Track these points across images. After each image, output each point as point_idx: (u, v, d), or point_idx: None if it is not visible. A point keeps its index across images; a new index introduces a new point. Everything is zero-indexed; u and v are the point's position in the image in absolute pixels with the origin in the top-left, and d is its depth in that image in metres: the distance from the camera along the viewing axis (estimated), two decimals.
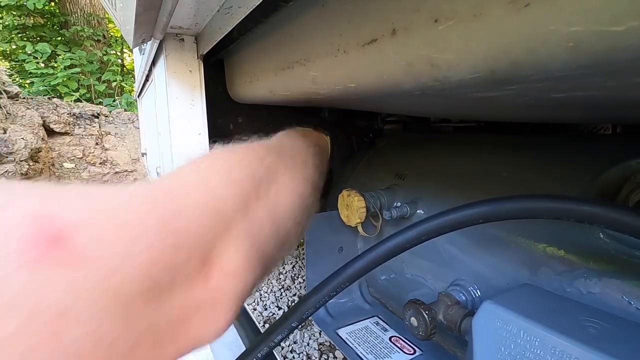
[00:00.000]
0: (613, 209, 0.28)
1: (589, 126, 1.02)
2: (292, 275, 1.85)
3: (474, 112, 0.54)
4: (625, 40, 0.17)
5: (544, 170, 0.52)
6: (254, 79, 0.65)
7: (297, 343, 1.35)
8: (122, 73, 5.07)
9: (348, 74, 0.39)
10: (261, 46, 0.60)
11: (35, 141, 2.45)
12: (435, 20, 0.26)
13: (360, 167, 0.87)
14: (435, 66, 0.28)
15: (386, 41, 0.32)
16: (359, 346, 0.66)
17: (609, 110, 0.35)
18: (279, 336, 0.43)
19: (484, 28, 0.23)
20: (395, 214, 0.63)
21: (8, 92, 2.59)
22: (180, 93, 0.71)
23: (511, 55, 0.22)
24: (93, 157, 3.07)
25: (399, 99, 0.42)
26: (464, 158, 0.66)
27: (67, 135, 3.03)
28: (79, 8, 5.07)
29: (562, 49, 0.19)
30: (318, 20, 0.42)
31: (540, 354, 0.31)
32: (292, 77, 0.51)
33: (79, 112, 3.23)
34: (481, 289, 0.51)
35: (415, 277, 0.65)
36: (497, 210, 0.34)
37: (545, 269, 0.44)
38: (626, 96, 0.25)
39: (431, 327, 0.47)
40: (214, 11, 0.55)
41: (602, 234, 0.40)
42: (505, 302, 0.36)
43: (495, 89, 0.28)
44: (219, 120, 0.91)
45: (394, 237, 0.40)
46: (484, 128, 0.98)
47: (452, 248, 0.57)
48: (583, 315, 0.34)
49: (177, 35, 0.69)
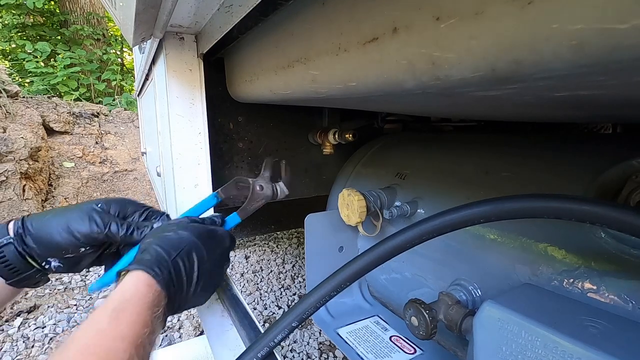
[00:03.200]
0: (614, 209, 0.28)
1: (589, 126, 1.02)
2: (292, 275, 1.85)
3: (475, 112, 0.54)
4: (628, 39, 0.16)
5: (544, 170, 0.52)
6: (254, 78, 0.65)
7: (297, 342, 1.35)
8: (122, 72, 5.07)
9: (349, 73, 0.39)
10: (261, 45, 0.60)
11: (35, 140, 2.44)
12: (437, 18, 0.26)
13: (360, 167, 0.87)
14: (436, 65, 0.27)
15: (387, 39, 0.31)
16: (359, 345, 0.66)
17: (610, 110, 0.35)
18: (280, 336, 0.43)
19: (486, 26, 0.23)
20: (396, 213, 0.63)
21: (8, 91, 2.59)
22: (180, 92, 0.71)
23: (513, 53, 0.22)
24: (93, 156, 3.07)
25: (399, 97, 0.42)
26: (464, 157, 0.66)
27: (67, 135, 3.03)
28: (79, 7, 5.06)
29: (565, 47, 0.19)
30: (319, 18, 0.42)
31: (541, 353, 0.31)
32: (293, 76, 0.51)
33: (79, 111, 3.23)
34: (482, 289, 0.51)
35: (415, 277, 0.65)
36: (498, 210, 0.34)
37: (546, 268, 0.44)
38: (628, 95, 0.25)
39: (432, 327, 0.46)
40: (214, 9, 0.55)
41: (603, 234, 0.40)
42: (506, 302, 0.36)
43: (497, 88, 0.28)
44: (219, 120, 0.91)
45: (395, 237, 0.40)
46: (484, 127, 0.98)
47: (452, 247, 0.57)
48: (584, 315, 0.34)
49: (177, 34, 0.68)
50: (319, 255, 0.73)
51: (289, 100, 0.65)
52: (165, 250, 0.42)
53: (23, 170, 2.27)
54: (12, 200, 2.16)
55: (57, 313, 1.51)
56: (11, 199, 2.16)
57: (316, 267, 0.72)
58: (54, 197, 2.60)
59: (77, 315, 1.50)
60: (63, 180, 2.77)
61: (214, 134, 0.89)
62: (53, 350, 0.34)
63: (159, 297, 0.39)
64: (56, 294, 1.66)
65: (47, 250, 0.47)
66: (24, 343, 1.34)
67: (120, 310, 0.35)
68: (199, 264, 0.45)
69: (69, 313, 1.52)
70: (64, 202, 2.60)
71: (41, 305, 1.57)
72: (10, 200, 2.15)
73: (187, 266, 0.43)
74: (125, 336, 0.33)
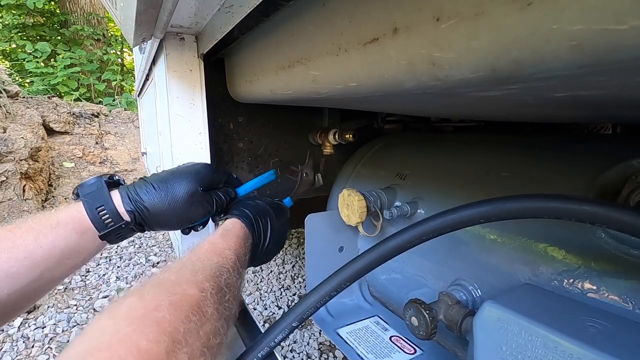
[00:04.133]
0: (614, 209, 0.28)
1: (589, 126, 1.02)
2: (292, 275, 1.85)
3: (475, 112, 0.54)
4: (628, 39, 0.17)
5: (544, 170, 0.52)
6: (255, 78, 0.65)
7: (297, 342, 1.35)
8: (122, 72, 5.07)
9: (349, 73, 0.39)
10: (262, 45, 0.60)
11: (35, 140, 2.44)
12: (437, 19, 0.26)
13: (360, 167, 0.87)
14: (436, 65, 0.28)
15: (388, 40, 0.32)
16: (359, 346, 0.66)
17: (610, 110, 0.35)
18: (280, 336, 0.43)
19: (486, 26, 0.23)
20: (396, 213, 0.63)
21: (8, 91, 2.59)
22: (180, 92, 0.71)
23: (513, 53, 0.22)
24: (93, 157, 3.07)
25: (400, 98, 0.42)
26: (464, 157, 0.66)
27: (67, 135, 3.03)
28: (79, 7, 5.06)
29: (565, 47, 0.19)
30: (319, 19, 0.42)
31: (541, 353, 0.31)
32: (293, 77, 0.51)
33: (79, 111, 3.23)
34: (482, 289, 0.51)
35: (415, 277, 0.65)
36: (498, 210, 0.34)
37: (546, 268, 0.44)
38: (628, 95, 0.25)
39: (432, 327, 0.47)
40: (214, 10, 0.55)
41: (603, 234, 0.40)
42: (507, 302, 0.36)
43: (497, 88, 0.28)
44: (219, 120, 0.91)
45: (395, 237, 0.40)
46: (485, 128, 0.98)
47: (452, 247, 0.57)
48: (584, 315, 0.34)
49: (177, 34, 0.69)
50: (319, 255, 0.73)
51: (289, 101, 0.65)
52: (250, 211, 0.57)
53: (23, 171, 2.28)
54: (12, 201, 2.16)
55: (57, 313, 1.51)
56: (11, 199, 2.16)
57: (316, 267, 0.72)
58: (54, 197, 2.60)
59: (77, 315, 1.50)
60: (63, 181, 2.77)
61: (214, 134, 0.89)
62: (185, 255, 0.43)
63: (247, 235, 0.53)
64: (56, 294, 1.66)
65: (159, 229, 0.54)
66: (24, 343, 1.34)
67: (226, 233, 0.50)
68: (271, 225, 0.58)
69: (69, 313, 1.52)
70: (64, 202, 2.60)
71: (41, 305, 1.57)
72: (10, 200, 2.16)
73: (263, 223, 0.57)
74: (231, 247, 0.47)
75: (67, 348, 0.27)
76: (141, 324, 0.29)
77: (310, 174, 0.82)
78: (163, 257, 2.02)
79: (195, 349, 0.31)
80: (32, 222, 0.44)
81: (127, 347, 0.26)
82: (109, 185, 0.49)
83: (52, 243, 0.43)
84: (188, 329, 0.31)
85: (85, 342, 0.27)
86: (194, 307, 0.33)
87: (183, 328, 0.30)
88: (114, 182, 0.51)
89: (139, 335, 0.27)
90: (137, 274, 1.84)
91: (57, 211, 0.46)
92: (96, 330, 0.28)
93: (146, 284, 0.35)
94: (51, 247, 0.43)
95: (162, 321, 0.30)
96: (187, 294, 0.34)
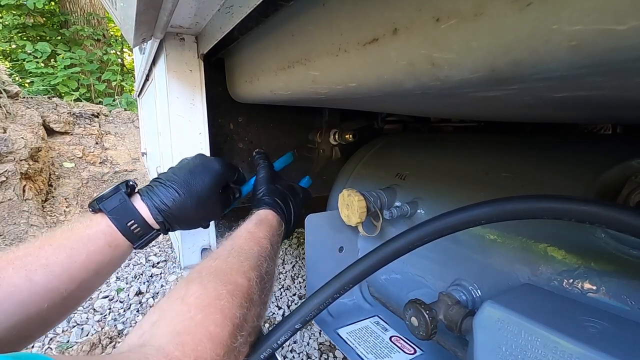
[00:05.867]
0: (614, 209, 0.28)
1: (589, 126, 1.02)
2: (292, 275, 1.85)
3: (475, 112, 0.54)
4: (627, 40, 0.17)
5: (544, 170, 0.52)
6: (255, 79, 0.65)
7: (297, 343, 1.35)
8: (122, 72, 5.07)
9: (349, 74, 0.39)
10: (262, 46, 0.60)
11: (35, 140, 2.44)
12: (437, 19, 0.26)
13: (360, 167, 0.87)
14: (436, 65, 0.28)
15: (387, 40, 0.32)
16: (359, 346, 0.66)
17: (609, 110, 0.35)
18: (282, 337, 0.43)
19: (486, 27, 0.23)
20: (396, 213, 0.63)
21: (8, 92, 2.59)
22: (180, 92, 0.71)
23: (512, 54, 0.22)
24: (93, 157, 3.07)
25: (399, 98, 0.42)
26: (464, 158, 0.66)
27: (67, 135, 3.03)
28: (79, 7, 5.06)
29: (564, 48, 0.19)
30: (319, 19, 0.42)
31: (541, 353, 0.31)
32: (293, 77, 0.51)
33: (79, 111, 3.23)
34: (482, 289, 0.51)
35: (415, 277, 0.65)
36: (499, 211, 0.34)
37: (546, 268, 0.44)
38: (627, 96, 0.25)
39: (432, 327, 0.47)
40: (214, 10, 0.55)
41: (603, 234, 0.40)
42: (506, 302, 0.36)
43: (496, 89, 0.28)
44: (219, 120, 0.91)
45: (397, 240, 0.40)
46: (484, 128, 0.98)
47: (452, 248, 0.57)
48: (583, 315, 0.34)
49: (177, 35, 0.69)
50: (319, 255, 0.73)
51: (289, 101, 0.65)
52: (281, 200, 0.62)
53: (23, 171, 2.28)
54: (12, 201, 2.16)
55: None
56: (11, 199, 2.16)
57: (316, 267, 0.72)
58: (54, 198, 2.60)
59: (77, 316, 1.50)
60: (63, 181, 2.77)
61: (214, 134, 0.89)
62: (227, 241, 0.50)
63: (280, 224, 0.58)
64: None
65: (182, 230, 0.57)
66: None
67: (260, 222, 0.54)
68: (293, 206, 0.64)
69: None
70: (64, 202, 2.60)
71: None
72: (10, 200, 2.16)
73: (288, 208, 0.63)
74: (266, 236, 0.52)
75: (153, 323, 0.33)
76: (209, 312, 0.35)
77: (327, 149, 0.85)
78: (163, 257, 2.02)
79: (247, 331, 0.38)
80: (60, 238, 0.44)
81: (202, 332, 0.33)
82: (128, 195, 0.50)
83: (87, 258, 0.45)
84: (242, 314, 0.37)
85: (170, 324, 0.33)
86: (245, 295, 0.39)
87: (239, 314, 0.37)
88: (131, 189, 0.52)
89: (209, 321, 0.34)
90: (137, 274, 1.84)
91: (84, 227, 0.47)
92: (175, 314, 0.34)
93: (202, 271, 0.40)
94: (86, 262, 0.45)
95: (224, 309, 0.36)
96: (238, 283, 0.40)
